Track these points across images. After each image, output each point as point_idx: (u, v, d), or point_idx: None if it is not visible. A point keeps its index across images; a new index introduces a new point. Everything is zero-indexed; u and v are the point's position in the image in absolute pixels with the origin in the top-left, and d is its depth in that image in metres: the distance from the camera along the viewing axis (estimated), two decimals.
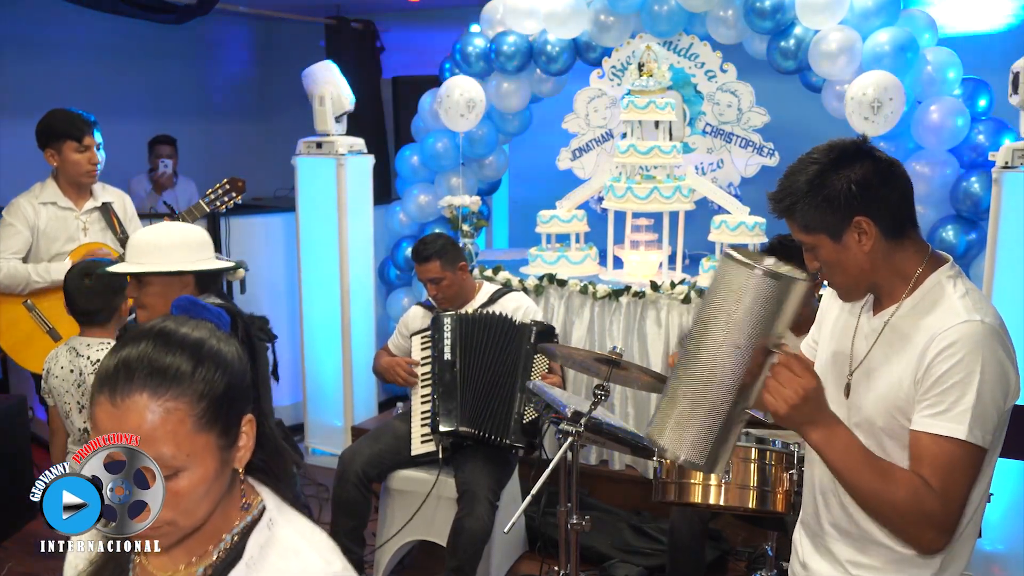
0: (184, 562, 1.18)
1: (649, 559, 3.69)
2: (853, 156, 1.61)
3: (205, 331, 1.17)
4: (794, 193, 1.62)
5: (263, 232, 5.32)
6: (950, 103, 3.96)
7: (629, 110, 4.41)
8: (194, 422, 1.10)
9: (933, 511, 1.52)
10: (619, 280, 4.38)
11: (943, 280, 1.62)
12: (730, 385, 1.49)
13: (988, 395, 1.52)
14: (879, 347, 1.64)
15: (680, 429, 1.51)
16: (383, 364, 3.73)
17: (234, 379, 1.15)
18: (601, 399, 2.70)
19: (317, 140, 4.82)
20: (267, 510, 1.21)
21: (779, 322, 1.49)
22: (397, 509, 3.61)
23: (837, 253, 1.63)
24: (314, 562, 1.17)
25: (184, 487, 1.09)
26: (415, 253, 3.64)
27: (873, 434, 1.62)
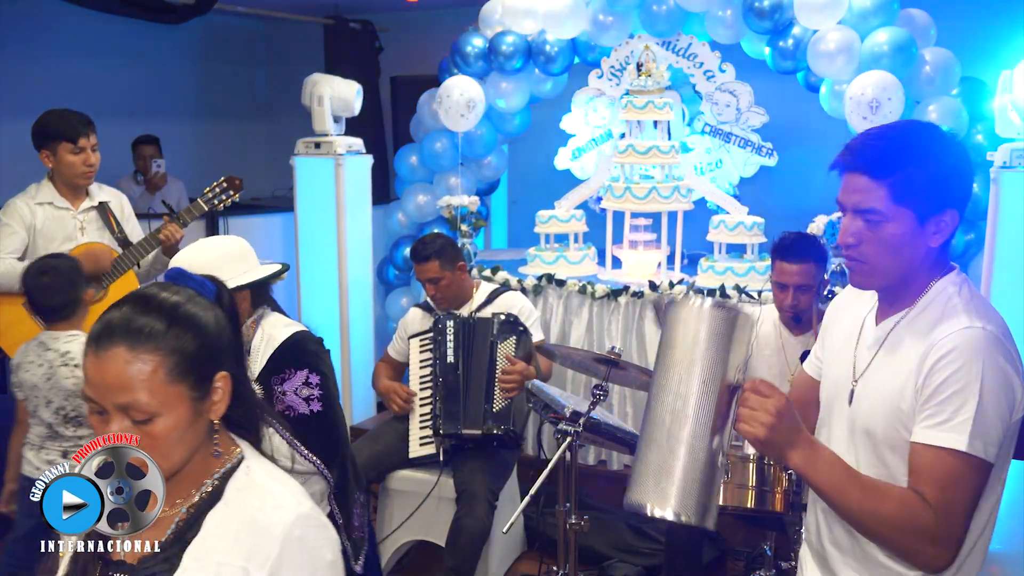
0: (168, 504, 1.29)
1: (647, 559, 3.69)
2: (956, 142, 1.54)
3: (183, 296, 1.31)
4: (909, 156, 1.48)
5: (262, 232, 5.32)
6: (948, 103, 3.97)
7: (628, 110, 4.41)
8: (166, 374, 1.24)
9: (928, 526, 1.44)
10: (618, 280, 4.38)
11: (948, 287, 1.55)
12: (703, 423, 1.44)
13: (991, 405, 1.44)
14: (882, 355, 1.58)
15: (662, 483, 1.45)
16: (381, 388, 3.71)
17: (208, 339, 1.29)
18: (600, 399, 2.70)
19: (315, 140, 4.82)
20: (245, 459, 1.36)
21: (735, 352, 1.47)
22: (396, 509, 3.61)
23: (907, 236, 1.51)
24: (287, 501, 1.31)
25: (159, 431, 1.23)
26: (414, 253, 3.64)
27: (874, 446, 1.56)
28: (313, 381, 2.36)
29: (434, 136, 5.03)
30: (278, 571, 1.26)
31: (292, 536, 1.27)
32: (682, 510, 1.44)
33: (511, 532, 3.45)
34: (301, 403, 2.34)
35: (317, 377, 2.38)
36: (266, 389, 2.36)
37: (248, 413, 1.40)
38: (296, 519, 1.29)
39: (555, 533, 3.03)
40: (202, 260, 2.29)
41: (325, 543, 1.32)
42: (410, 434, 3.55)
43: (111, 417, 1.23)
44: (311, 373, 2.37)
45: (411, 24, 6.70)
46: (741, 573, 3.70)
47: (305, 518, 1.30)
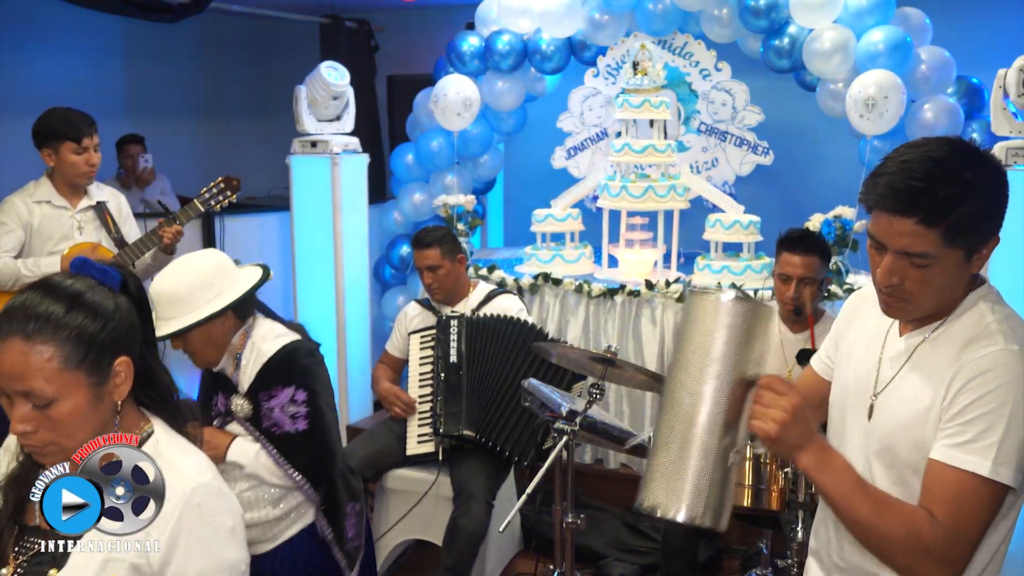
0: None
1: (644, 557, 3.70)
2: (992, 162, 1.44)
3: (84, 285, 1.36)
4: (961, 196, 1.39)
5: (258, 231, 5.32)
6: (943, 102, 3.98)
7: (624, 109, 4.42)
8: (61, 363, 1.30)
9: (934, 545, 1.39)
10: (614, 279, 4.39)
11: (980, 303, 1.49)
12: (716, 421, 1.40)
13: (1022, 430, 1.38)
14: (907, 371, 1.51)
15: (674, 481, 1.41)
16: (381, 391, 3.69)
17: (107, 326, 1.34)
18: (596, 398, 2.70)
19: (311, 139, 4.81)
20: (154, 433, 1.44)
21: (753, 348, 1.43)
22: (393, 508, 3.61)
23: (956, 273, 1.45)
24: (188, 470, 1.39)
25: (58, 415, 1.31)
26: (415, 240, 3.64)
27: (895, 465, 1.51)
28: (299, 398, 2.33)
29: (430, 135, 5.03)
30: (177, 535, 1.33)
31: (191, 503, 1.35)
32: (695, 512, 1.41)
33: (508, 531, 3.47)
34: (287, 420, 2.32)
35: (304, 394, 2.35)
36: (255, 404, 2.35)
37: (160, 393, 1.47)
38: (195, 487, 1.36)
39: (552, 532, 3.03)
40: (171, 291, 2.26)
41: (224, 511, 1.40)
42: (408, 432, 3.55)
43: (15, 401, 1.31)
44: (298, 390, 2.34)
45: (407, 23, 6.70)
46: (737, 571, 3.71)
47: (205, 487, 1.38)
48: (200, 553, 1.36)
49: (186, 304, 2.25)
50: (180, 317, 2.25)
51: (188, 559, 1.34)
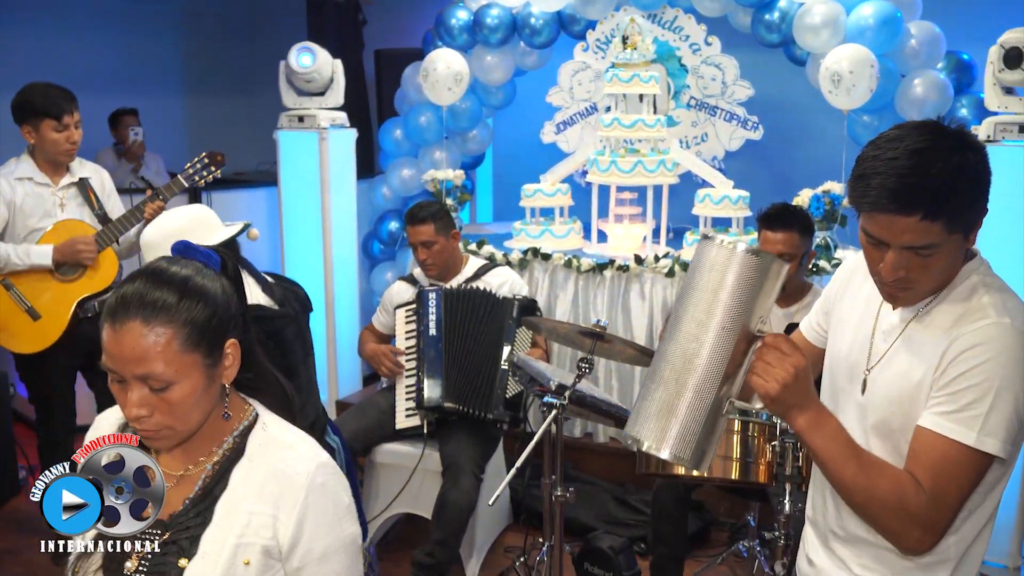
0: (192, 462, 1.41)
1: (633, 530, 3.72)
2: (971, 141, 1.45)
3: (191, 269, 1.37)
4: (956, 185, 1.40)
5: (245, 207, 5.28)
6: (933, 77, 3.97)
7: (613, 83, 4.40)
8: (180, 344, 1.30)
9: (918, 511, 1.44)
10: (603, 254, 4.38)
11: (972, 276, 1.51)
12: (715, 371, 1.41)
13: (1011, 403, 1.41)
14: (900, 345, 1.53)
15: (664, 421, 1.42)
16: (368, 352, 3.71)
17: (217, 309, 1.35)
18: (585, 372, 2.71)
19: (299, 113, 4.78)
20: (260, 416, 1.46)
21: (761, 302, 1.42)
22: (382, 483, 3.63)
23: (957, 253, 1.48)
24: (306, 451, 1.42)
25: (175, 397, 1.31)
26: (409, 216, 3.63)
27: (890, 436, 1.53)
28: None
29: (419, 110, 5.00)
30: (304, 516, 1.37)
31: (315, 483, 1.38)
32: (679, 452, 1.42)
33: (497, 504, 3.48)
34: None
35: None
36: None
37: (258, 375, 1.49)
38: (317, 468, 1.40)
39: (541, 505, 3.05)
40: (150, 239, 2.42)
41: (342, 488, 1.44)
42: (396, 405, 3.55)
43: (130, 386, 1.30)
44: None
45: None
46: (725, 543, 3.74)
47: (324, 466, 1.41)
48: (325, 531, 1.39)
49: (157, 250, 2.36)
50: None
51: (315, 537, 1.38)
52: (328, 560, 1.39)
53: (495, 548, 3.79)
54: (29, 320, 3.46)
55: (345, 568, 1.42)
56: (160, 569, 1.35)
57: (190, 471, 1.41)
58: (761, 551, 3.41)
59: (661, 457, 1.43)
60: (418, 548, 3.38)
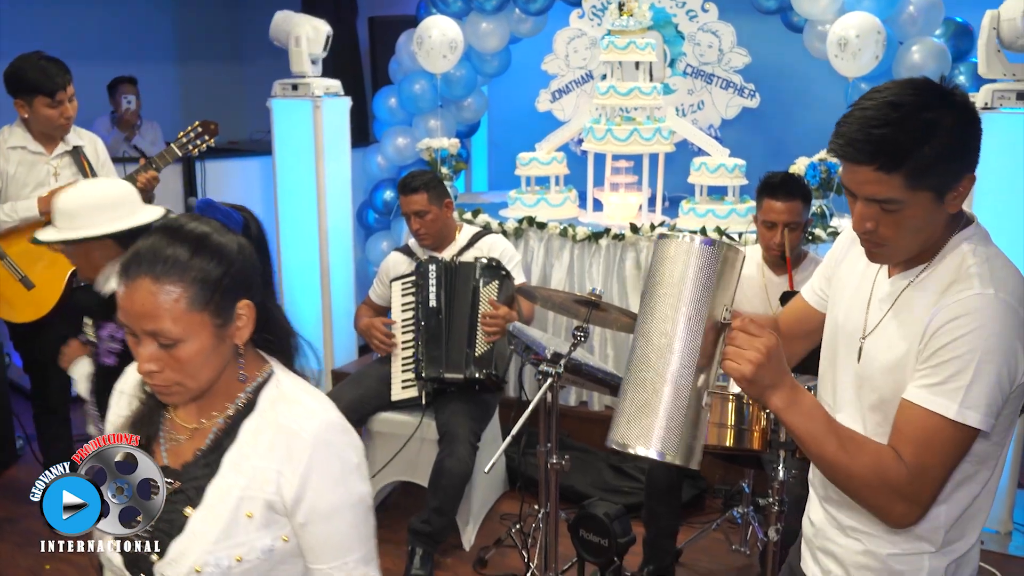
0: (205, 416, 1.44)
1: (627, 497, 3.75)
2: (957, 100, 1.42)
3: (209, 227, 1.37)
4: (919, 137, 1.38)
5: (239, 176, 5.26)
6: (931, 44, 3.95)
7: (609, 51, 4.36)
8: (187, 303, 1.31)
9: (899, 484, 1.43)
10: (599, 222, 4.37)
11: (963, 245, 1.49)
12: (688, 362, 1.42)
13: (992, 375, 1.40)
14: (892, 315, 1.53)
15: (645, 420, 1.43)
16: (361, 326, 3.71)
17: (230, 269, 1.35)
18: (580, 340, 2.71)
19: (293, 82, 4.74)
20: (275, 374, 1.46)
21: (723, 291, 1.44)
22: (379, 451, 3.64)
23: (929, 214, 1.44)
24: (315, 408, 1.43)
25: (184, 355, 1.33)
26: (402, 185, 3.62)
27: (881, 406, 1.53)
28: (118, 336, 2.42)
29: (413, 78, 4.96)
30: (309, 473, 1.37)
31: (321, 440, 1.39)
32: (666, 449, 1.42)
33: (493, 472, 3.49)
34: (104, 352, 2.44)
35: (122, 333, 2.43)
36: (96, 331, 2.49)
37: (279, 336, 1.49)
38: (324, 425, 1.40)
39: (536, 473, 3.06)
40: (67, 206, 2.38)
41: (350, 447, 1.43)
42: (392, 377, 3.56)
43: (142, 341, 1.33)
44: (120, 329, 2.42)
45: None
46: (719, 510, 3.76)
47: (332, 424, 1.42)
48: (330, 488, 1.39)
49: (74, 220, 2.36)
50: (64, 231, 2.37)
51: (320, 494, 1.38)
52: (333, 517, 1.40)
53: (491, 515, 3.82)
54: (23, 289, 3.45)
55: (352, 526, 1.42)
56: (168, 516, 1.38)
57: (203, 424, 1.44)
58: (755, 517, 3.44)
59: (650, 457, 1.43)
60: (415, 516, 3.40)
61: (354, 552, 1.43)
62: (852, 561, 1.62)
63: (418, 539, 3.34)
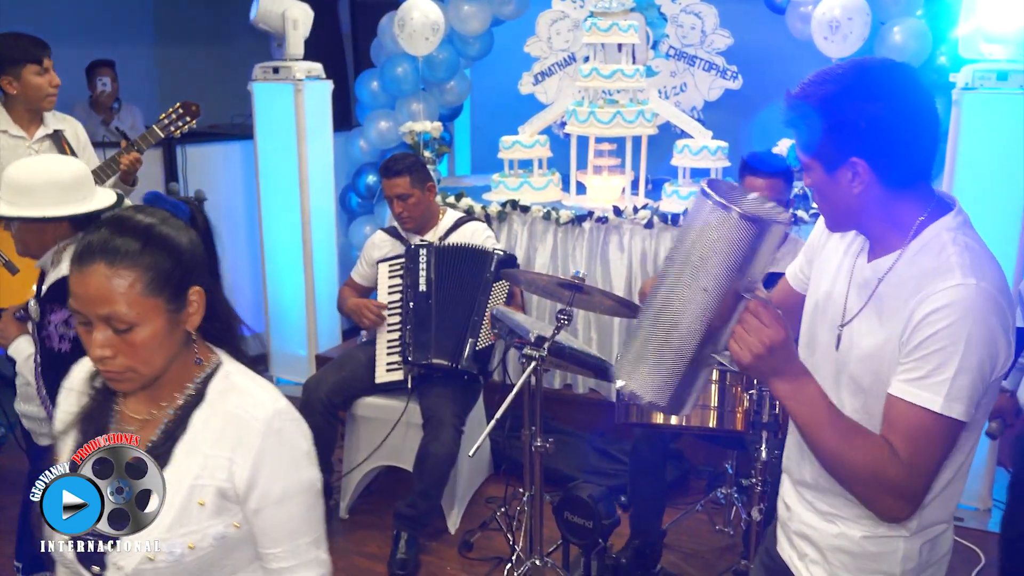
0: (155, 407, 1.46)
1: (612, 479, 3.76)
2: (888, 90, 1.44)
3: (156, 218, 1.41)
4: (803, 106, 1.48)
5: (221, 160, 5.22)
6: (913, 24, 3.95)
7: (592, 33, 4.35)
8: (142, 288, 1.34)
9: (895, 480, 1.44)
10: (582, 205, 4.37)
11: (943, 233, 1.47)
12: (697, 329, 1.43)
13: (975, 366, 1.40)
14: (872, 304, 1.53)
15: (645, 369, 1.48)
16: (350, 306, 3.69)
17: (181, 257, 1.39)
18: (564, 324, 2.72)
19: (274, 65, 4.71)
20: (223, 364, 1.50)
21: (754, 266, 1.42)
22: (363, 436, 3.64)
23: (826, 184, 1.51)
24: (264, 397, 1.46)
25: (138, 340, 1.35)
26: (384, 169, 3.60)
27: (859, 393, 1.54)
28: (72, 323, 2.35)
29: (395, 60, 4.93)
30: (261, 460, 1.40)
31: (272, 429, 1.42)
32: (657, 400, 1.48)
33: (478, 456, 3.50)
34: (56, 338, 2.41)
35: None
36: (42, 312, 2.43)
37: (224, 325, 1.52)
38: (274, 414, 1.44)
39: (521, 456, 3.07)
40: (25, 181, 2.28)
41: (300, 434, 1.47)
42: (377, 359, 3.56)
43: (95, 327, 1.34)
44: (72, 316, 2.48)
45: None
46: (703, 491, 3.79)
47: (282, 413, 1.45)
48: (282, 475, 1.43)
49: (32, 196, 2.28)
50: (22, 207, 2.28)
51: (271, 482, 1.41)
52: (285, 503, 1.43)
53: (476, 499, 3.83)
54: (7, 274, 3.42)
55: (303, 511, 1.46)
56: None
57: (153, 415, 1.45)
58: (738, 498, 3.46)
59: (641, 403, 1.49)
60: (400, 500, 3.41)
61: (305, 535, 1.47)
62: (827, 544, 1.63)
63: (403, 523, 3.35)
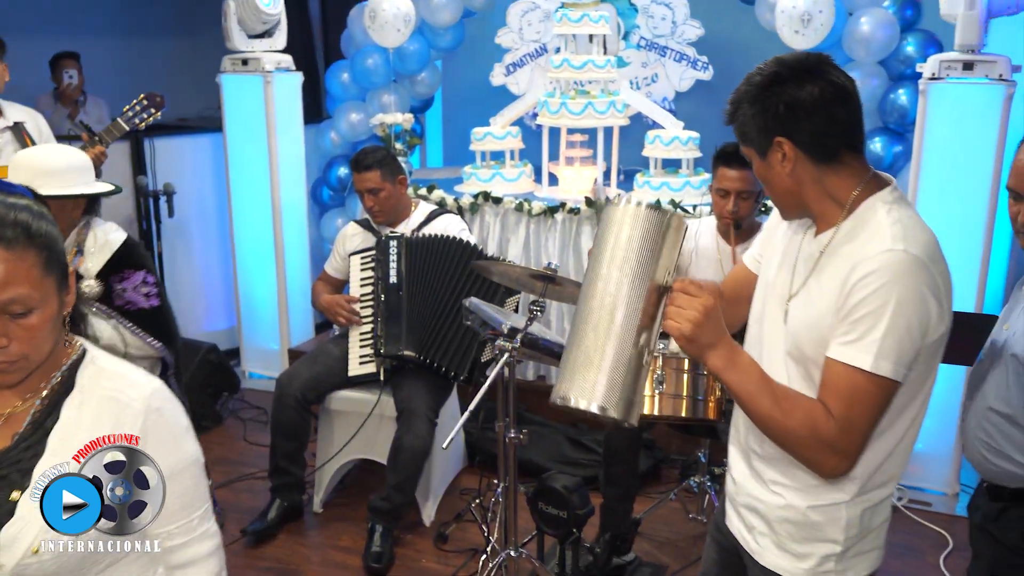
0: (20, 399, 1.40)
1: (586, 470, 3.78)
2: (797, 75, 1.56)
3: (24, 201, 1.36)
4: (737, 101, 1.62)
5: (190, 153, 5.17)
6: (880, 14, 3.98)
7: (563, 24, 4.34)
8: (41, 267, 1.31)
9: (830, 437, 1.51)
10: (554, 197, 4.37)
11: (878, 206, 1.56)
12: (631, 322, 1.50)
13: (903, 327, 1.48)
14: (815, 275, 1.61)
15: (588, 377, 1.50)
16: (323, 303, 3.66)
17: (58, 238, 1.36)
18: (537, 315, 2.72)
19: (243, 56, 4.66)
20: (88, 351, 1.46)
21: (666, 256, 1.52)
22: (336, 429, 3.62)
23: (764, 170, 1.63)
24: (138, 378, 1.45)
25: (36, 323, 1.31)
26: (354, 162, 3.58)
27: (803, 362, 1.61)
28: (150, 280, 2.68)
29: (365, 52, 4.90)
30: (144, 440, 1.38)
31: (152, 408, 1.41)
32: (607, 404, 1.49)
33: (452, 448, 3.50)
34: (141, 298, 2.66)
35: (152, 277, 2.72)
36: (107, 285, 2.66)
37: (79, 312, 1.50)
38: (152, 393, 1.43)
39: (495, 447, 3.07)
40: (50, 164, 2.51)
41: (179, 411, 1.47)
42: (350, 352, 3.54)
43: None
44: (147, 274, 2.70)
45: None
46: (676, 480, 3.81)
47: (159, 391, 1.45)
48: (166, 452, 1.41)
49: (54, 177, 2.48)
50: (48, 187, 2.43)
51: (158, 459, 1.39)
52: (174, 480, 1.42)
53: (451, 491, 3.83)
54: None
55: (192, 486, 1.46)
56: None
57: (18, 408, 1.40)
58: (711, 486, 3.49)
59: (591, 411, 1.50)
60: (374, 493, 3.40)
61: (195, 509, 1.48)
62: (774, 515, 1.69)
63: (378, 516, 3.34)
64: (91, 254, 2.63)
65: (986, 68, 3.43)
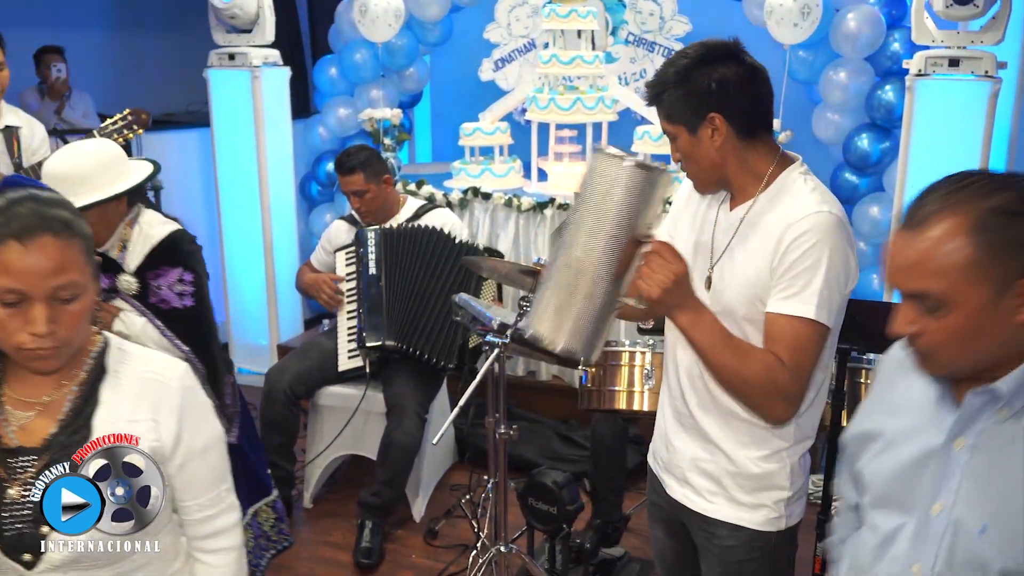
0: (54, 387, 1.44)
1: (576, 465, 3.79)
2: (721, 57, 1.71)
3: (54, 192, 1.44)
4: (663, 83, 1.73)
5: (177, 149, 5.15)
6: (867, 11, 4.00)
7: (551, 19, 4.34)
8: (85, 254, 1.37)
9: (784, 385, 1.66)
10: (543, 192, 4.38)
11: (795, 176, 1.73)
12: (605, 274, 1.58)
13: (834, 280, 1.65)
14: (738, 240, 1.75)
15: (558, 318, 1.60)
16: (307, 281, 3.67)
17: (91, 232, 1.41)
18: (526, 310, 2.71)
19: (230, 51, 4.64)
20: (110, 339, 1.51)
21: (649, 212, 1.59)
22: (326, 425, 3.63)
23: (692, 146, 1.73)
24: (167, 359, 1.53)
25: (79, 310, 1.37)
26: (338, 165, 3.57)
27: (735, 321, 1.73)
28: (187, 279, 2.55)
29: (353, 47, 4.89)
30: (184, 416, 1.48)
31: (185, 386, 1.50)
32: (573, 347, 1.61)
33: (441, 443, 3.51)
34: (175, 297, 2.54)
35: (190, 275, 2.58)
36: (142, 283, 2.54)
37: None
38: (183, 372, 1.51)
39: (485, 443, 3.08)
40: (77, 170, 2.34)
41: (204, 390, 1.57)
42: (339, 348, 3.54)
43: (35, 306, 1.31)
44: (185, 271, 2.57)
45: None
46: None
47: (187, 371, 1.53)
48: (201, 427, 1.51)
49: (87, 182, 2.34)
50: (84, 195, 2.32)
51: (194, 436, 1.49)
52: (208, 453, 1.52)
53: (441, 486, 3.83)
54: None
55: (220, 460, 1.56)
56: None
57: (53, 396, 1.44)
58: None
59: (556, 351, 1.60)
60: (364, 489, 3.41)
61: (224, 482, 1.57)
62: (722, 471, 1.82)
63: (368, 512, 3.34)
64: (133, 249, 2.54)
65: (972, 64, 3.45)
